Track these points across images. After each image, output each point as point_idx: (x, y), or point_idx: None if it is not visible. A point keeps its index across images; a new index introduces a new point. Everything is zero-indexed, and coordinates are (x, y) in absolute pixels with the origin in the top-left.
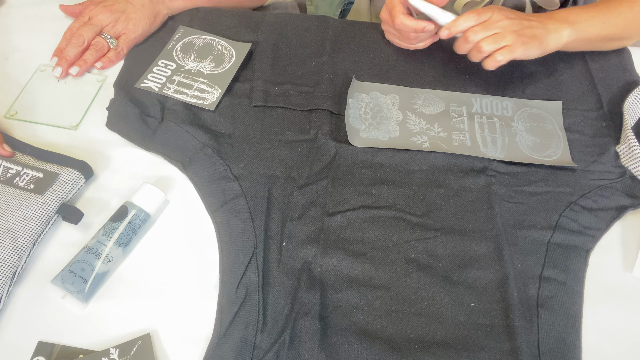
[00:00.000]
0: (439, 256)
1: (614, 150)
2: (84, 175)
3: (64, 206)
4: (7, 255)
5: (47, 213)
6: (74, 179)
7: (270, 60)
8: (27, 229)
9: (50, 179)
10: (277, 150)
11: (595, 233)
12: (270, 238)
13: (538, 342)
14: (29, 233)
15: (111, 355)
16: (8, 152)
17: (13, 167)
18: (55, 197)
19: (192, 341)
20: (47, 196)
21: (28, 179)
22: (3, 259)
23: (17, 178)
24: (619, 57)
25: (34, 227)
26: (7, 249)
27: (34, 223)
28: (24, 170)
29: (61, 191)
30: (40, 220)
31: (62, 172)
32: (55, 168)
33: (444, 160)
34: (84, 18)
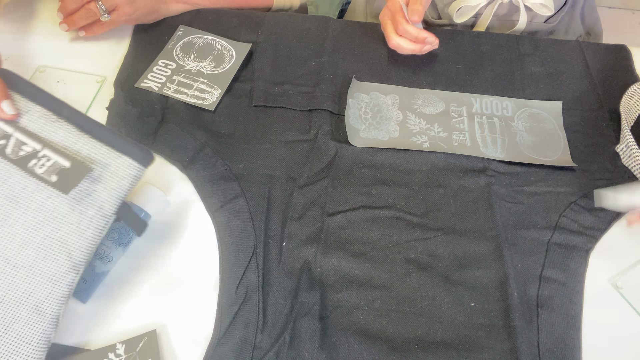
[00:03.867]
0: (439, 256)
1: (614, 151)
2: (142, 165)
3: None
4: (64, 273)
5: (105, 220)
6: (133, 174)
7: (270, 60)
8: (84, 240)
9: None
10: (277, 150)
11: (595, 233)
12: (270, 238)
13: (538, 342)
14: (85, 245)
15: (117, 351)
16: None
17: (29, 142)
18: (113, 199)
19: (192, 341)
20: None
21: (49, 165)
22: (60, 277)
23: (34, 160)
24: (619, 57)
25: (92, 237)
26: (64, 265)
27: (91, 233)
28: (44, 152)
29: (120, 190)
30: (97, 230)
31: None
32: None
33: (444, 160)
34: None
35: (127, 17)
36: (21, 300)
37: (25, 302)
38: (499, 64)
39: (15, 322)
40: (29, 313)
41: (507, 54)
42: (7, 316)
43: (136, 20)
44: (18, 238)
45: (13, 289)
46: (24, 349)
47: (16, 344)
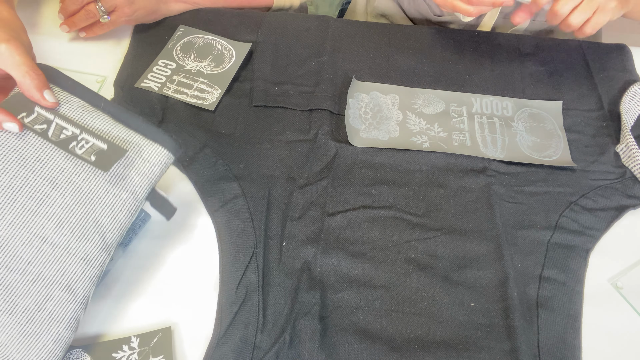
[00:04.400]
0: (439, 256)
1: (614, 151)
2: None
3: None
4: (97, 254)
5: (137, 204)
6: (163, 161)
7: (270, 60)
8: (117, 222)
9: (117, 154)
10: (277, 150)
11: (595, 233)
12: (270, 238)
13: (538, 342)
14: (119, 228)
15: (131, 344)
16: (50, 103)
17: (69, 127)
18: (145, 184)
19: (192, 341)
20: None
21: (88, 147)
22: (94, 257)
23: (74, 142)
24: (619, 57)
25: (124, 220)
26: (97, 246)
27: (123, 216)
28: (83, 135)
29: (151, 175)
30: (129, 213)
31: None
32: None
33: (444, 160)
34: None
35: (127, 17)
36: (55, 279)
37: (58, 280)
38: (499, 63)
39: (49, 301)
40: (61, 292)
41: (507, 53)
42: (41, 293)
43: (136, 21)
44: (55, 217)
45: (48, 267)
46: (55, 327)
47: (48, 322)
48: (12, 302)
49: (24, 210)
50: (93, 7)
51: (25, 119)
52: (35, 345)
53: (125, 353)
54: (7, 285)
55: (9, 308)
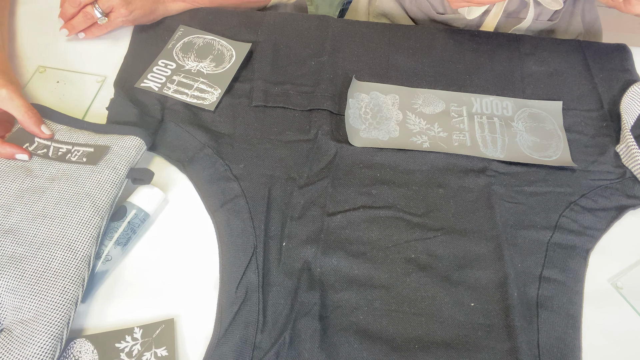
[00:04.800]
0: (439, 256)
1: (614, 151)
2: (144, 140)
3: (134, 170)
4: (90, 217)
5: (119, 176)
6: (137, 145)
7: (270, 60)
8: (104, 191)
9: (102, 151)
10: (277, 150)
11: (595, 233)
12: (270, 238)
13: (538, 342)
14: (106, 195)
15: (134, 335)
16: (47, 135)
17: (63, 146)
18: (123, 162)
19: (192, 341)
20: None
21: (79, 154)
22: (87, 220)
23: (69, 155)
24: (619, 57)
25: (110, 189)
26: (89, 210)
27: (109, 186)
28: (75, 148)
29: (128, 156)
30: (114, 184)
31: (118, 142)
32: (110, 140)
33: (444, 160)
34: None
35: (124, 18)
36: (56, 241)
37: (60, 242)
38: (499, 63)
39: (53, 261)
40: (63, 252)
41: (507, 53)
42: (46, 256)
43: (134, 22)
44: (53, 199)
45: (50, 235)
46: (61, 282)
47: (54, 278)
48: (22, 269)
49: (30, 202)
50: (90, 9)
51: (29, 148)
52: (44, 300)
53: (129, 344)
54: (17, 257)
55: (20, 274)
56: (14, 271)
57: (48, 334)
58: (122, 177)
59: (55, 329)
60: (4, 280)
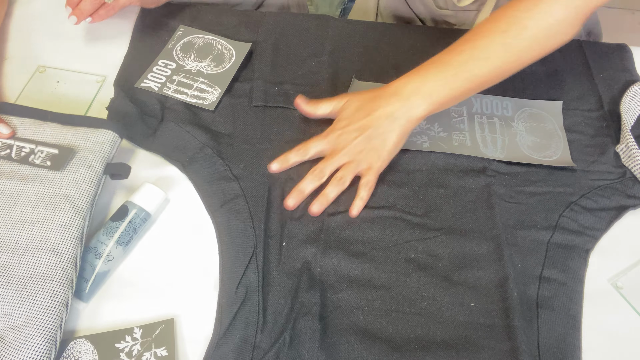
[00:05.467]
0: (439, 256)
1: (614, 151)
2: (118, 134)
3: (110, 165)
4: (72, 218)
5: (96, 174)
6: (111, 139)
7: (270, 60)
8: (82, 191)
9: (67, 154)
10: (277, 150)
11: (595, 233)
12: (270, 238)
13: (538, 342)
14: (85, 195)
15: (134, 335)
16: (6, 134)
17: (26, 145)
18: (98, 158)
19: (193, 341)
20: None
21: (43, 156)
22: (69, 222)
23: (32, 156)
24: (619, 57)
25: (88, 188)
26: (70, 212)
27: (86, 185)
28: (38, 148)
29: (102, 152)
30: (91, 182)
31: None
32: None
33: (444, 160)
34: None
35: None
36: (40, 246)
37: (44, 247)
38: None
39: (39, 265)
40: (48, 255)
41: None
42: (31, 262)
43: (140, 2)
44: (30, 203)
45: (32, 239)
46: (49, 285)
47: (42, 282)
48: (8, 276)
49: (5, 207)
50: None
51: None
52: (34, 304)
53: (128, 344)
54: (1, 265)
55: (6, 281)
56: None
57: (42, 337)
58: (100, 174)
59: (48, 333)
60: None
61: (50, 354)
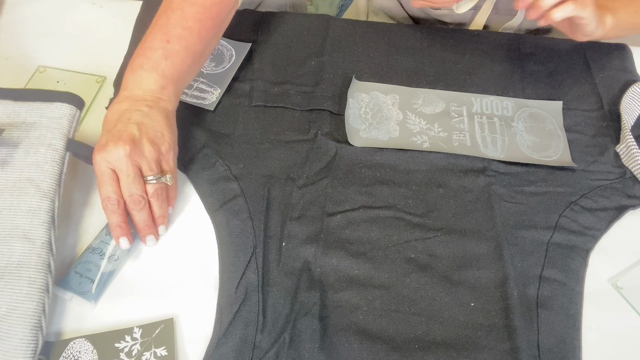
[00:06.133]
0: (439, 256)
1: (614, 151)
2: (75, 105)
3: (72, 142)
4: (39, 202)
5: (58, 152)
6: (68, 113)
7: (270, 60)
8: (45, 172)
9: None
10: (277, 150)
11: (595, 233)
12: (270, 238)
13: (538, 342)
14: (49, 176)
15: (134, 334)
16: None
17: None
18: (57, 135)
19: (192, 341)
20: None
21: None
22: (36, 206)
23: None
24: (619, 57)
25: (51, 169)
26: (35, 196)
27: (49, 166)
28: None
29: (60, 128)
30: (54, 162)
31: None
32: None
33: (444, 160)
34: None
35: (173, 153)
36: (11, 234)
37: (14, 234)
38: (499, 63)
39: (13, 254)
40: (21, 243)
41: (507, 53)
42: (4, 251)
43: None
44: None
45: (3, 228)
46: (26, 272)
47: (18, 271)
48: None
49: None
50: (155, 187)
51: None
52: (13, 293)
53: (128, 343)
54: None
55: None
56: None
57: (25, 325)
58: (62, 153)
59: (32, 319)
60: None
61: (37, 340)
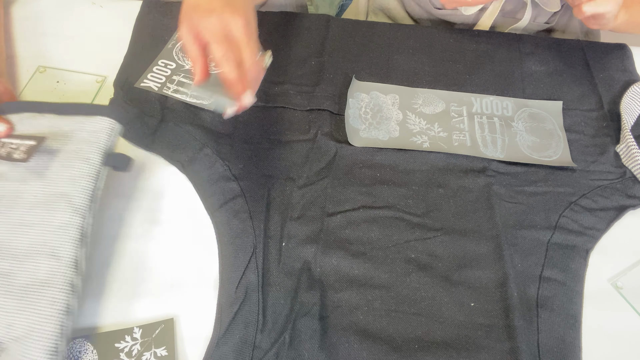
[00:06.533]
0: (439, 256)
1: (614, 151)
2: (116, 119)
3: (110, 156)
4: (69, 218)
5: (94, 167)
6: (108, 127)
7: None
8: (79, 187)
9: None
10: (277, 150)
11: (595, 233)
12: (270, 238)
13: (538, 342)
14: (82, 191)
15: (134, 335)
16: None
17: (14, 142)
18: (94, 149)
19: (192, 341)
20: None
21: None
22: (66, 222)
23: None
24: (619, 57)
25: (85, 184)
26: (67, 211)
27: (84, 180)
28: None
29: (98, 142)
30: (89, 176)
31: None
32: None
33: (444, 160)
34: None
35: (254, 25)
36: (39, 250)
37: (42, 251)
38: (499, 63)
39: (39, 271)
40: (48, 260)
41: (508, 53)
42: (30, 267)
43: None
44: (28, 204)
45: (31, 244)
46: (49, 292)
47: (41, 289)
48: (8, 284)
49: (5, 210)
50: None
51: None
52: (34, 313)
53: (128, 344)
54: (1, 273)
55: (6, 289)
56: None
57: (42, 349)
58: (98, 167)
59: (48, 343)
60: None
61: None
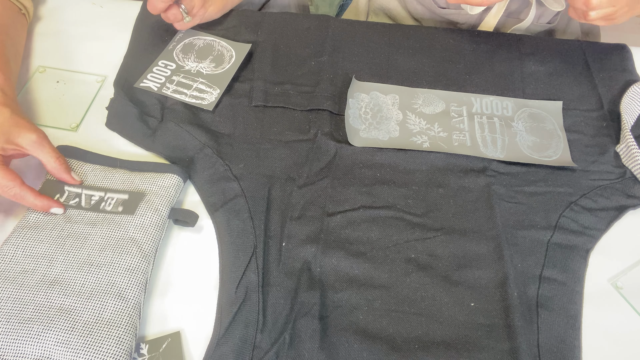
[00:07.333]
0: (439, 256)
1: (614, 151)
2: (182, 178)
3: (175, 210)
4: (138, 263)
5: (162, 218)
6: (176, 183)
7: (270, 60)
8: (149, 235)
9: (138, 199)
10: (277, 150)
11: (595, 233)
12: (270, 238)
13: (538, 342)
14: (151, 239)
15: (141, 351)
16: (77, 181)
17: (95, 193)
18: (164, 203)
19: (192, 341)
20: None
21: (114, 202)
22: (135, 266)
23: (103, 203)
24: (619, 57)
25: (154, 232)
26: (137, 256)
27: (152, 229)
28: (108, 195)
29: (168, 196)
30: (157, 227)
31: (156, 181)
32: (146, 179)
33: (444, 160)
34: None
35: (201, 16)
36: (107, 290)
37: (110, 291)
38: (499, 63)
39: (105, 311)
40: (114, 300)
41: (508, 53)
42: (97, 306)
43: (206, 19)
44: (97, 246)
45: (99, 283)
46: (115, 332)
47: (107, 328)
48: (73, 320)
49: (73, 249)
50: (177, 11)
51: (61, 199)
52: (99, 351)
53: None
54: (66, 309)
55: (70, 326)
56: (64, 323)
57: None
58: (165, 219)
59: None
60: (54, 333)
61: None
